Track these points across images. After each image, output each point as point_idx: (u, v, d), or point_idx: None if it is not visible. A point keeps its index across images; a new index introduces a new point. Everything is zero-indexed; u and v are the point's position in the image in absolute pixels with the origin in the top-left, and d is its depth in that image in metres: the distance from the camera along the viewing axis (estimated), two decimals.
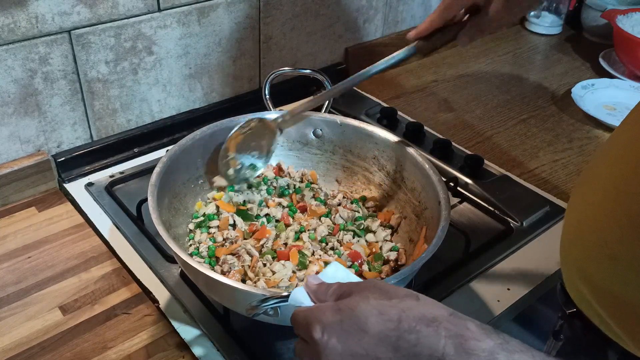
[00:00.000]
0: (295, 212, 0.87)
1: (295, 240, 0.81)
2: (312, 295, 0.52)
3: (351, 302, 0.47)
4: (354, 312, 0.46)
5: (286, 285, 0.74)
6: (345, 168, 0.94)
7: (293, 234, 0.82)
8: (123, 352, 0.71)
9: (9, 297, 0.77)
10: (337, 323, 0.46)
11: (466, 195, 0.98)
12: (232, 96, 1.17)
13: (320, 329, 0.46)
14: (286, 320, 0.62)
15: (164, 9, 0.99)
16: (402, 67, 1.43)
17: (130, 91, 1.02)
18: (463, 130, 1.19)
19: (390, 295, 0.47)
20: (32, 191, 0.95)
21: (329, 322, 0.46)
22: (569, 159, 1.12)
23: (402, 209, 0.86)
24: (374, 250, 0.81)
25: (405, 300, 0.46)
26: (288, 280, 0.74)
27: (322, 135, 0.93)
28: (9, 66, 0.87)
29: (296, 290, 0.53)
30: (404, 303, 0.46)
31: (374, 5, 1.31)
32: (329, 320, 0.46)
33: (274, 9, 1.13)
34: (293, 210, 0.87)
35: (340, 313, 0.46)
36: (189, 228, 0.83)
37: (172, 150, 0.81)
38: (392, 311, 0.45)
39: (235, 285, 0.63)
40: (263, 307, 0.57)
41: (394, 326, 0.45)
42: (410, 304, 0.46)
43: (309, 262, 0.77)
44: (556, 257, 0.89)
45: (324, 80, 0.96)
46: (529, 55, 1.53)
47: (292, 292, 0.53)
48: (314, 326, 0.47)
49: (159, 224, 0.68)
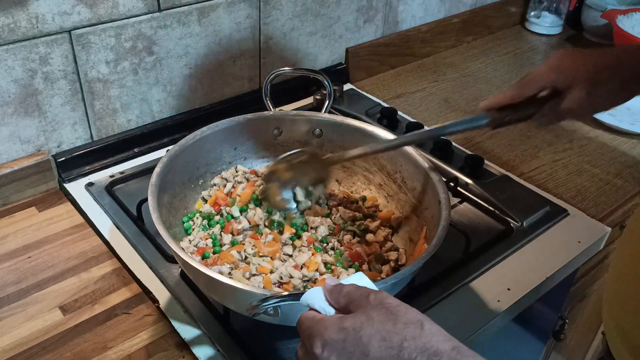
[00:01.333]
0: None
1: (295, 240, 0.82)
2: (327, 293, 0.51)
3: (356, 322, 0.47)
4: (357, 334, 0.46)
5: (277, 279, 0.74)
6: (345, 168, 0.94)
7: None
8: (123, 352, 0.71)
9: (9, 297, 0.77)
10: (338, 342, 0.46)
11: (466, 195, 0.98)
12: (232, 96, 1.17)
13: (321, 345, 0.46)
14: (286, 320, 0.62)
15: (164, 9, 0.99)
16: (402, 67, 1.44)
17: (130, 91, 1.02)
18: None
19: (397, 319, 0.46)
20: (32, 191, 0.95)
21: (331, 339, 0.46)
22: (569, 159, 1.12)
23: (402, 209, 0.86)
24: (374, 250, 0.81)
25: (409, 328, 0.46)
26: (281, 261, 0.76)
27: (322, 135, 0.93)
28: (9, 66, 0.87)
29: (312, 289, 0.53)
30: (408, 330, 0.45)
31: (374, 5, 1.31)
32: (331, 338, 0.46)
33: (274, 9, 1.13)
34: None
35: (344, 332, 0.46)
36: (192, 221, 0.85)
37: (172, 150, 0.81)
38: (395, 338, 0.45)
39: (235, 285, 0.63)
40: (263, 307, 0.57)
41: (394, 353, 0.45)
42: (415, 333, 0.45)
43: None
44: (556, 257, 0.89)
45: (323, 80, 0.96)
46: (529, 55, 1.53)
47: (309, 290, 0.53)
48: (316, 340, 0.47)
49: (159, 223, 0.68)
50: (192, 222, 0.85)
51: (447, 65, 1.45)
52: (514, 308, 0.82)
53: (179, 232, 0.83)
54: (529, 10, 1.65)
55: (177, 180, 0.83)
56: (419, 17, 1.44)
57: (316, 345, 0.47)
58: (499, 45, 1.57)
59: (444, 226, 0.70)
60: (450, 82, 1.38)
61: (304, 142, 0.93)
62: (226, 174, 0.91)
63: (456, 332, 0.75)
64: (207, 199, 0.88)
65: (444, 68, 1.44)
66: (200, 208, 0.87)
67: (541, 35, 1.63)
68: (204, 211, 0.86)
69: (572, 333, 1.23)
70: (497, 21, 1.63)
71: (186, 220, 0.85)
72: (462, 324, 0.77)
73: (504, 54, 1.52)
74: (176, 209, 0.83)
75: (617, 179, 1.07)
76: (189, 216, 0.85)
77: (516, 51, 1.54)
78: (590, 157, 1.13)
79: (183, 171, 0.84)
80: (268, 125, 0.93)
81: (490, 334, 0.81)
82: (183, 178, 0.85)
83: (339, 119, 0.91)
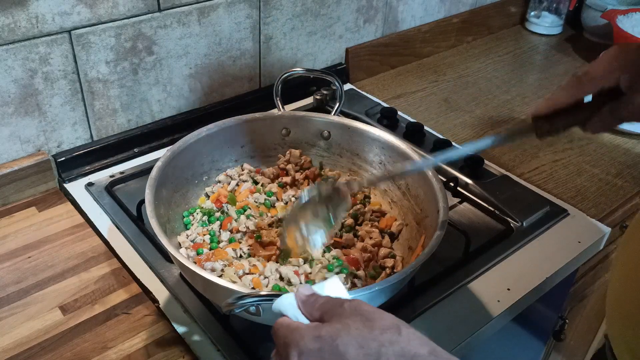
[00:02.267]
0: None
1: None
2: (300, 305, 0.50)
3: (332, 331, 0.46)
4: (334, 342, 0.45)
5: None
6: (352, 172, 0.94)
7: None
8: (123, 352, 0.71)
9: (9, 297, 0.77)
10: (315, 351, 0.45)
11: (466, 195, 0.98)
12: (232, 96, 1.17)
13: (297, 354, 0.45)
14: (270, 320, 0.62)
15: (164, 9, 0.99)
16: (402, 67, 1.44)
17: (130, 91, 1.02)
18: (463, 130, 1.19)
19: (373, 325, 0.45)
20: (32, 191, 0.95)
21: (307, 349, 0.45)
22: (569, 159, 1.12)
23: (404, 216, 0.86)
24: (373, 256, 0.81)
25: (386, 333, 0.45)
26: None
27: (330, 137, 0.93)
28: (9, 66, 0.87)
29: (284, 297, 0.51)
30: (385, 336, 0.45)
31: (374, 5, 1.31)
32: (308, 347, 0.45)
33: (274, 9, 1.13)
34: None
35: (320, 341, 0.45)
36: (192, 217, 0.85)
37: (175, 146, 0.82)
38: (373, 344, 0.44)
39: (211, 279, 0.63)
40: (240, 305, 0.57)
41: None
42: (392, 338, 0.45)
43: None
44: (556, 257, 0.89)
45: (334, 81, 0.96)
46: (529, 55, 1.53)
47: (280, 298, 0.51)
48: (292, 349, 0.46)
49: (153, 216, 0.69)
50: (192, 217, 0.85)
51: (447, 65, 1.45)
52: (514, 308, 0.82)
53: (178, 226, 0.83)
54: (529, 10, 1.65)
55: (180, 175, 0.83)
56: (419, 17, 1.43)
57: (292, 354, 0.46)
58: (499, 45, 1.57)
59: (438, 235, 0.70)
60: (450, 82, 1.38)
61: (312, 143, 0.93)
62: (231, 172, 0.91)
63: (456, 332, 0.76)
64: (210, 195, 0.88)
65: (444, 68, 1.44)
66: (202, 204, 0.87)
67: (541, 35, 1.63)
68: (205, 207, 0.86)
69: (572, 333, 1.23)
70: (497, 21, 1.63)
71: (186, 215, 0.85)
72: (462, 324, 0.77)
73: (504, 54, 1.52)
74: (177, 204, 0.83)
75: (617, 179, 1.07)
76: (189, 211, 0.86)
77: (516, 51, 1.54)
78: (590, 157, 1.13)
79: (187, 167, 0.85)
80: (277, 125, 0.93)
81: (490, 334, 0.80)
82: (186, 173, 0.85)
83: (348, 122, 0.92)
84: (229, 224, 0.83)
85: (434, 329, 0.76)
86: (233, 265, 0.76)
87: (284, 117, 0.93)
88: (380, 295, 0.68)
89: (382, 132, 0.89)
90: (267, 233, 0.82)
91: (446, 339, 0.74)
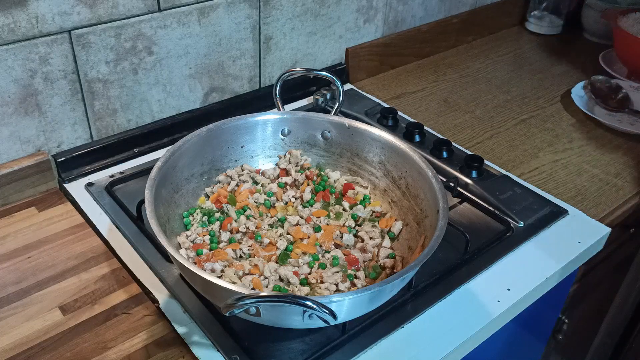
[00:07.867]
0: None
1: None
2: None
3: None
4: None
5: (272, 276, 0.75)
6: (352, 172, 0.94)
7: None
8: (123, 352, 0.71)
9: (9, 297, 0.77)
10: None
11: (466, 195, 0.98)
12: (232, 96, 1.17)
13: None
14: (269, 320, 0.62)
15: (164, 9, 0.99)
16: (402, 67, 1.44)
17: (130, 91, 1.02)
18: (463, 130, 1.19)
19: None
20: (32, 191, 0.95)
21: None
22: (569, 159, 1.12)
23: (404, 216, 0.86)
24: (373, 257, 0.81)
25: None
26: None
27: (330, 137, 0.93)
28: (9, 66, 0.87)
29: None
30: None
31: (374, 5, 1.31)
32: None
33: (274, 9, 1.13)
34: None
35: None
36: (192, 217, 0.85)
37: (175, 146, 0.82)
38: None
39: (211, 279, 0.63)
40: (240, 306, 0.57)
41: None
42: None
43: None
44: (556, 257, 0.89)
45: (333, 81, 0.96)
46: (529, 55, 1.53)
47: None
48: None
49: (153, 217, 0.69)
50: (192, 217, 0.85)
51: (447, 65, 1.45)
52: (514, 308, 0.82)
53: (177, 227, 0.83)
54: (529, 10, 1.65)
55: (179, 176, 0.83)
56: (419, 17, 1.44)
57: None
58: (499, 45, 1.57)
59: (437, 236, 0.70)
60: (450, 82, 1.38)
61: (312, 143, 0.94)
62: (231, 172, 0.91)
63: (456, 332, 0.76)
64: (210, 196, 0.88)
65: (444, 68, 1.44)
66: (202, 204, 0.87)
67: (541, 35, 1.63)
68: (205, 207, 0.86)
69: (572, 333, 1.23)
70: (497, 21, 1.63)
71: (186, 215, 0.85)
72: (462, 324, 0.77)
73: (504, 54, 1.52)
74: (177, 204, 0.83)
75: (617, 179, 1.07)
76: (189, 211, 0.85)
77: (516, 51, 1.54)
78: (590, 157, 1.13)
79: (187, 167, 0.85)
80: (277, 125, 0.93)
81: (490, 334, 0.81)
82: (186, 174, 0.85)
83: (347, 121, 0.91)
84: (228, 225, 0.83)
85: (434, 329, 0.76)
86: (233, 265, 0.76)
87: (284, 117, 0.94)
88: (380, 295, 0.68)
89: (382, 132, 0.89)
90: (267, 233, 0.82)
91: (446, 339, 0.74)
